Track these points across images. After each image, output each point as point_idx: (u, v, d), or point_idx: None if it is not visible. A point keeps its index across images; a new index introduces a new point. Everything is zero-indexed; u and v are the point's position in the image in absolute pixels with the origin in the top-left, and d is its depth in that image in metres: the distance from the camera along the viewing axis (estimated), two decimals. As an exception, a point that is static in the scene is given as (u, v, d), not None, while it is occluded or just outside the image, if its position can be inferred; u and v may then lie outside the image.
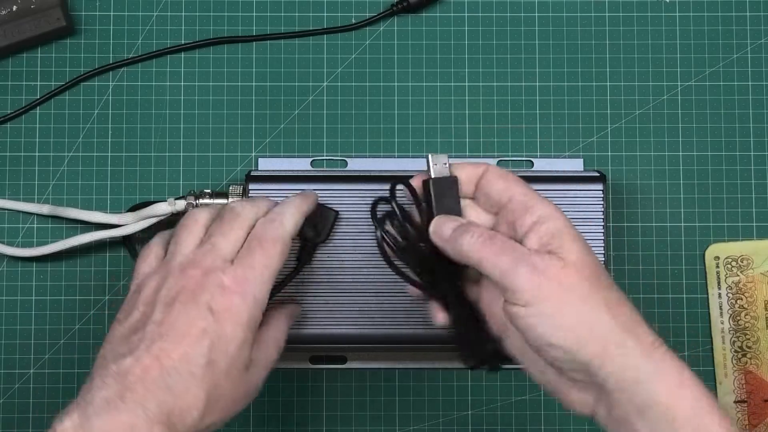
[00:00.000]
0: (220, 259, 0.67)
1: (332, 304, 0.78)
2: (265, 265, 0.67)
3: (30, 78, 0.85)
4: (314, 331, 0.78)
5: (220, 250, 0.67)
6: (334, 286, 0.78)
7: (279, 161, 0.84)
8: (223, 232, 0.68)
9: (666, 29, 0.86)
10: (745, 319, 0.84)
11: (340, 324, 0.78)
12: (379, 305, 0.78)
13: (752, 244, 0.85)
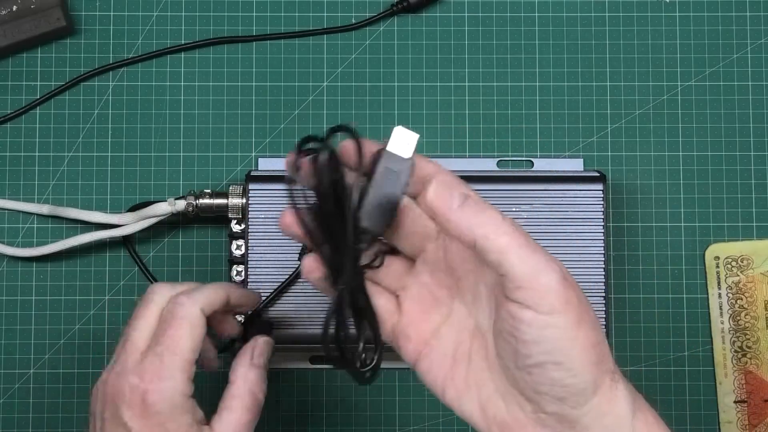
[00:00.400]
0: (133, 355, 0.64)
1: (322, 302, 0.78)
2: (174, 348, 0.64)
3: (30, 78, 0.85)
4: (315, 332, 0.78)
5: (133, 344, 0.65)
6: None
7: (279, 161, 0.84)
8: (134, 324, 0.66)
9: (666, 29, 0.86)
10: (745, 319, 0.84)
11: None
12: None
13: (752, 244, 0.85)
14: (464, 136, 0.85)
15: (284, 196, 0.77)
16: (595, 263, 0.80)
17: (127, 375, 0.63)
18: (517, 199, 0.80)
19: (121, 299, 0.83)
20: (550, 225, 0.79)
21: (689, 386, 0.84)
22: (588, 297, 0.74)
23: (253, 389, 0.66)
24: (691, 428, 0.84)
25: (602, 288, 0.79)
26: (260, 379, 0.67)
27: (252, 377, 0.67)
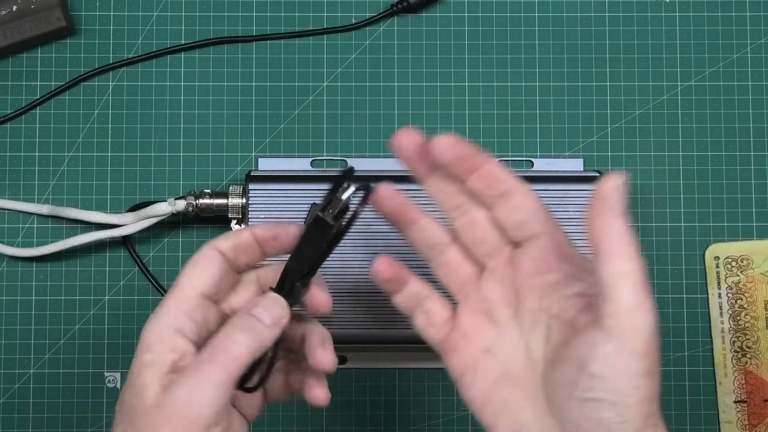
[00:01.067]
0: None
1: (333, 304, 0.78)
2: (176, 283, 0.59)
3: (30, 78, 0.85)
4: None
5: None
6: (334, 286, 0.79)
7: (279, 161, 0.84)
8: None
9: (666, 29, 0.86)
10: (745, 319, 0.84)
11: (341, 324, 0.78)
12: (380, 305, 0.78)
13: (752, 244, 0.85)
14: (464, 136, 0.85)
15: (284, 196, 0.78)
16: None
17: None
18: None
19: (121, 299, 0.83)
20: None
21: (689, 386, 0.84)
22: None
23: (228, 332, 0.57)
24: (691, 428, 0.84)
25: None
26: (243, 325, 0.58)
27: (232, 322, 0.58)
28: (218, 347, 0.56)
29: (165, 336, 0.57)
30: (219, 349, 0.56)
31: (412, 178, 0.67)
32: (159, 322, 0.57)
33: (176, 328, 0.57)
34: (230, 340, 0.56)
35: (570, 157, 0.85)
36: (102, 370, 0.83)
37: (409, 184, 0.80)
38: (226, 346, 0.56)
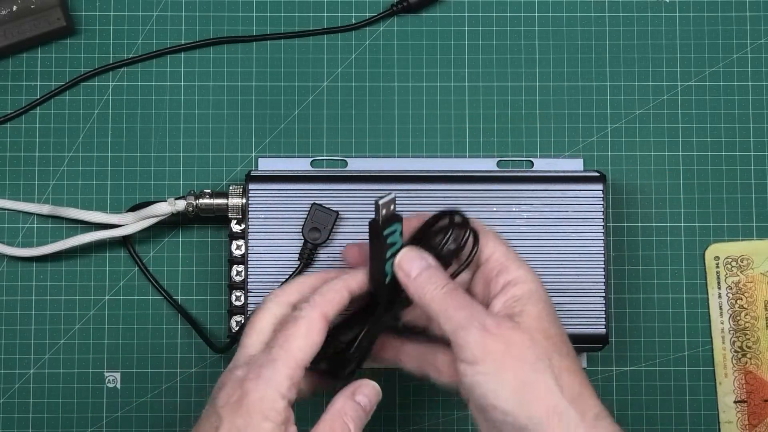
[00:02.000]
0: (244, 355, 0.66)
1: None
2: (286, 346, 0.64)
3: (30, 78, 0.85)
4: None
5: (245, 348, 0.66)
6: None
7: (279, 161, 0.84)
8: (248, 332, 0.67)
9: (666, 29, 0.86)
10: (745, 319, 0.84)
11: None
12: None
13: (752, 244, 0.85)
14: (464, 136, 0.85)
15: (284, 196, 0.78)
16: (595, 263, 0.80)
17: (235, 369, 0.64)
18: (516, 199, 0.80)
19: (121, 299, 0.83)
20: (550, 225, 0.79)
21: (689, 386, 0.84)
22: (587, 297, 0.75)
23: (345, 419, 0.65)
24: (691, 428, 0.84)
25: (602, 288, 0.79)
26: (357, 413, 0.65)
27: (348, 407, 0.65)
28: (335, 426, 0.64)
29: (280, 407, 0.62)
30: (336, 428, 0.64)
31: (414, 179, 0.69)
32: (273, 390, 0.62)
33: (289, 399, 0.63)
34: (341, 423, 0.65)
35: (570, 157, 0.85)
36: (102, 370, 0.83)
37: (411, 184, 0.80)
38: (342, 426, 0.65)
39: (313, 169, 0.84)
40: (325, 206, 0.78)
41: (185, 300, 0.84)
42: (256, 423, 0.61)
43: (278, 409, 0.62)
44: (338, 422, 0.64)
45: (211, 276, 0.84)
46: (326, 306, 0.65)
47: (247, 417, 0.61)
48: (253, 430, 0.61)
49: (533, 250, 0.79)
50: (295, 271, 0.78)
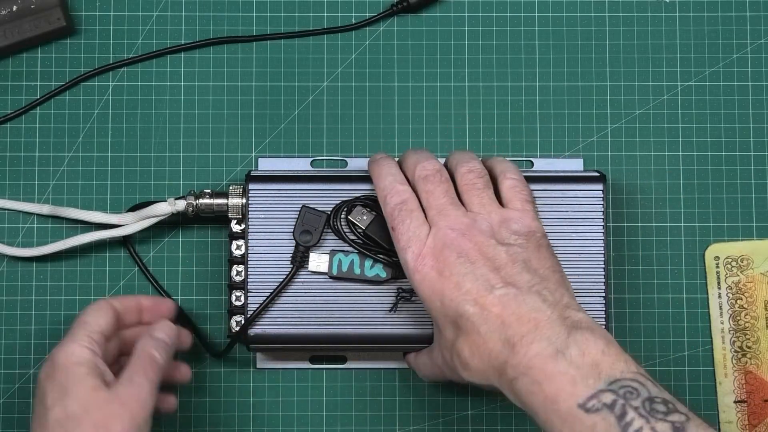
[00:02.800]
0: None
1: (331, 304, 0.78)
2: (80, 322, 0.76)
3: (30, 78, 0.85)
4: (313, 332, 0.78)
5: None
6: (332, 286, 0.79)
7: (279, 161, 0.84)
8: None
9: (666, 29, 0.86)
10: (745, 319, 0.84)
11: (339, 324, 0.78)
12: (377, 305, 0.78)
13: (752, 244, 0.85)
14: (464, 136, 0.85)
15: (283, 196, 0.77)
16: (595, 263, 0.80)
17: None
18: None
19: (121, 299, 0.83)
20: (550, 225, 0.79)
21: (689, 386, 0.84)
22: (587, 297, 0.76)
23: (151, 351, 0.74)
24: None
25: (602, 288, 0.79)
26: (159, 345, 0.74)
27: (149, 344, 0.74)
28: (143, 357, 0.73)
29: (87, 354, 0.72)
30: (145, 360, 0.73)
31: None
32: (76, 345, 0.73)
33: (92, 350, 0.73)
34: (149, 354, 0.73)
35: (570, 157, 0.85)
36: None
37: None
38: (149, 356, 0.73)
39: (313, 169, 0.84)
40: (314, 208, 0.78)
41: (185, 300, 0.84)
42: (73, 371, 0.71)
43: (86, 357, 0.72)
44: (144, 354, 0.73)
45: (211, 276, 0.84)
46: (111, 299, 0.78)
47: (64, 371, 0.71)
48: (73, 376, 0.70)
49: None
50: (288, 275, 0.78)
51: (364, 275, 0.78)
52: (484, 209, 0.72)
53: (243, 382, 0.84)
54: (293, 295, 0.78)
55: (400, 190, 0.73)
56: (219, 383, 0.84)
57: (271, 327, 0.79)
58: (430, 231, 0.71)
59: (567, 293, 0.70)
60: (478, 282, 0.69)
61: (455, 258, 0.70)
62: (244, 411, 0.84)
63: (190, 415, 0.83)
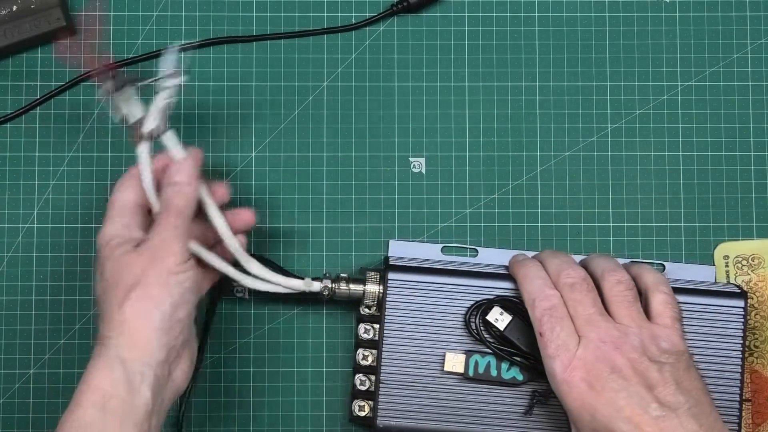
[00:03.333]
0: None
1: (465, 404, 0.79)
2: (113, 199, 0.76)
3: (30, 78, 0.85)
4: (444, 428, 0.78)
5: None
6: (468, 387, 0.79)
7: (410, 246, 0.84)
8: None
9: (666, 29, 0.87)
10: (755, 318, 0.83)
11: (472, 423, 0.79)
12: (511, 407, 0.79)
13: (763, 243, 0.84)
14: (464, 136, 0.85)
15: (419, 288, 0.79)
16: (731, 382, 0.79)
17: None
18: None
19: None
20: (689, 339, 0.77)
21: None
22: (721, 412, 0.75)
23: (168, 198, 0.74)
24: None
25: (736, 407, 0.79)
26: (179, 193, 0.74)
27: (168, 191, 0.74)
28: (168, 209, 0.73)
29: (116, 233, 0.73)
30: (170, 211, 0.73)
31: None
32: (108, 225, 0.74)
33: (123, 225, 0.74)
34: (168, 202, 0.73)
35: (701, 264, 0.84)
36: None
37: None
38: (168, 205, 0.73)
39: (448, 259, 0.83)
40: None
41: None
42: (105, 249, 0.73)
43: (115, 232, 0.74)
44: (165, 204, 0.74)
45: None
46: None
47: (100, 253, 0.74)
48: (106, 254, 0.73)
49: None
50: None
51: (500, 377, 0.78)
52: (634, 323, 0.72)
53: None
54: (427, 391, 0.78)
55: (550, 295, 0.73)
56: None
57: (400, 419, 0.78)
58: (579, 342, 0.71)
59: (719, 419, 0.69)
60: (632, 400, 0.68)
61: (608, 373, 0.69)
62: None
63: (191, 415, 0.83)
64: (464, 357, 0.78)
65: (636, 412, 0.68)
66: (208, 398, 0.83)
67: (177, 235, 0.72)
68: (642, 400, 0.68)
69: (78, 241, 0.83)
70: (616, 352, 0.70)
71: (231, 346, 0.83)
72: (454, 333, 0.78)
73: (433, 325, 0.79)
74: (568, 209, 0.85)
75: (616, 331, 0.71)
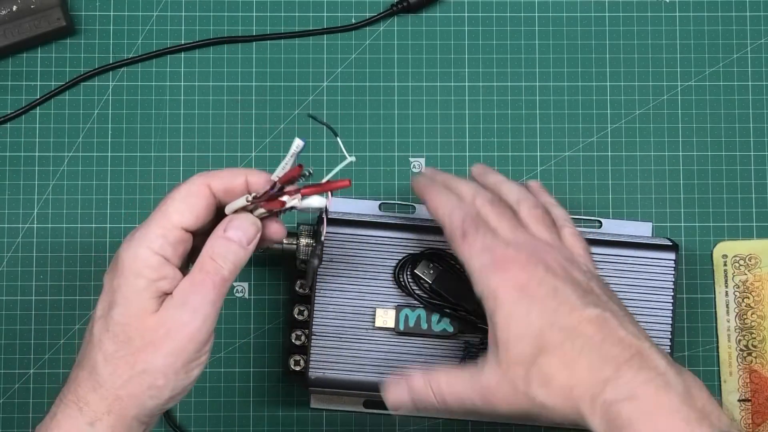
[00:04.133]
0: None
1: (398, 358, 0.79)
2: (161, 208, 0.64)
3: (30, 78, 0.85)
4: (376, 380, 0.77)
5: None
6: (399, 341, 0.79)
7: (349, 202, 0.84)
8: None
9: (666, 29, 0.87)
10: (752, 318, 0.83)
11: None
12: (444, 359, 0.79)
13: (761, 243, 0.84)
14: (464, 136, 0.85)
15: (353, 242, 0.78)
16: (662, 332, 0.79)
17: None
18: None
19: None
20: (619, 290, 0.76)
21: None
22: None
23: (214, 255, 0.63)
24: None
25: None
26: (228, 250, 0.63)
27: (217, 247, 0.63)
28: (206, 270, 0.62)
29: (153, 263, 0.61)
30: (208, 272, 0.62)
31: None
32: (145, 248, 0.61)
33: (162, 256, 0.62)
34: (213, 265, 0.62)
35: (640, 220, 0.85)
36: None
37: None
38: (213, 268, 0.62)
39: (383, 213, 0.83)
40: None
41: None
42: (129, 281, 0.61)
43: (151, 265, 0.61)
44: (207, 263, 0.63)
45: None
46: (212, 177, 0.63)
47: (121, 277, 0.61)
48: (127, 287, 0.61)
49: None
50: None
51: (431, 330, 0.78)
52: (555, 242, 0.69)
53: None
54: (359, 344, 0.79)
55: (469, 205, 0.70)
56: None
57: (331, 371, 0.79)
58: (510, 241, 0.68)
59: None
60: (570, 299, 0.65)
61: (543, 271, 0.66)
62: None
63: (190, 415, 0.83)
64: (394, 312, 0.78)
65: (576, 310, 0.64)
66: (208, 398, 0.83)
67: (208, 315, 0.62)
68: (579, 300, 0.64)
69: (78, 241, 0.83)
70: (548, 255, 0.67)
71: (231, 346, 0.83)
72: (385, 286, 0.79)
73: (364, 278, 0.79)
74: (567, 209, 0.84)
75: (541, 242, 0.68)
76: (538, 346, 0.64)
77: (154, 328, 0.61)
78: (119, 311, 0.61)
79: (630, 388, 0.61)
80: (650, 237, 0.83)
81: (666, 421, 0.60)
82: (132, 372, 0.61)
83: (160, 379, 0.61)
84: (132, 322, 0.61)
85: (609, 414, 0.61)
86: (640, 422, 0.60)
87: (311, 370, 0.78)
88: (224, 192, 0.64)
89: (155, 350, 0.61)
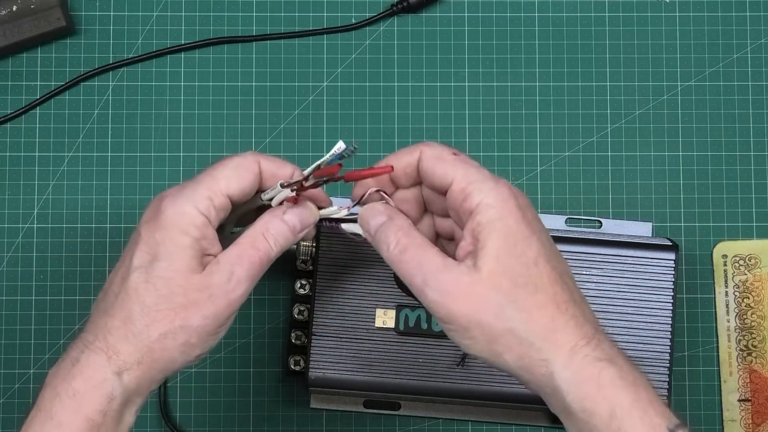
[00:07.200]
0: None
1: (397, 358, 0.79)
2: (211, 172, 0.64)
3: (30, 78, 0.85)
4: (376, 380, 0.78)
5: None
6: (399, 341, 0.79)
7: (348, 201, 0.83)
8: None
9: (666, 29, 0.87)
10: (752, 318, 0.83)
11: (404, 377, 0.79)
12: (443, 359, 0.79)
13: (761, 243, 0.84)
14: (464, 136, 0.85)
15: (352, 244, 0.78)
16: (661, 333, 0.79)
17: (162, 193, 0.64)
18: (586, 261, 0.80)
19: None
20: (619, 289, 0.78)
21: (691, 386, 0.84)
22: (651, 366, 0.77)
23: (267, 234, 0.64)
24: (692, 428, 0.83)
25: (666, 359, 0.79)
26: (281, 232, 0.64)
27: (272, 225, 0.64)
28: (257, 246, 0.63)
29: (198, 222, 0.62)
30: (258, 249, 0.63)
31: None
32: (192, 207, 0.62)
33: (207, 218, 0.62)
34: (268, 245, 0.63)
35: (641, 221, 0.85)
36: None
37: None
38: (265, 248, 0.63)
39: None
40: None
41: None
42: (174, 236, 0.62)
43: (196, 224, 0.62)
44: (260, 240, 0.64)
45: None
46: (263, 157, 0.65)
47: (165, 231, 0.62)
48: (171, 243, 0.62)
49: (599, 314, 0.77)
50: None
51: (431, 330, 0.79)
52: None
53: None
54: (359, 344, 0.79)
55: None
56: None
57: (332, 371, 0.79)
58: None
59: None
60: (547, 250, 0.62)
61: (532, 213, 0.64)
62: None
63: (190, 415, 0.83)
64: (394, 312, 0.79)
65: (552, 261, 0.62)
66: (208, 398, 0.83)
67: (248, 289, 0.63)
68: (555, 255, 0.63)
69: (78, 241, 0.83)
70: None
71: (231, 346, 0.83)
72: (385, 286, 0.79)
73: (364, 278, 0.79)
74: (567, 209, 0.85)
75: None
76: (534, 274, 0.61)
77: (199, 289, 0.62)
78: (163, 266, 0.61)
79: (613, 353, 0.60)
80: (650, 237, 0.83)
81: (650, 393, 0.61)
82: (170, 327, 0.61)
83: (194, 338, 0.62)
84: (176, 278, 0.61)
85: (590, 368, 0.60)
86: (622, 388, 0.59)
87: (311, 370, 0.78)
88: (270, 175, 0.65)
89: (197, 310, 0.61)
